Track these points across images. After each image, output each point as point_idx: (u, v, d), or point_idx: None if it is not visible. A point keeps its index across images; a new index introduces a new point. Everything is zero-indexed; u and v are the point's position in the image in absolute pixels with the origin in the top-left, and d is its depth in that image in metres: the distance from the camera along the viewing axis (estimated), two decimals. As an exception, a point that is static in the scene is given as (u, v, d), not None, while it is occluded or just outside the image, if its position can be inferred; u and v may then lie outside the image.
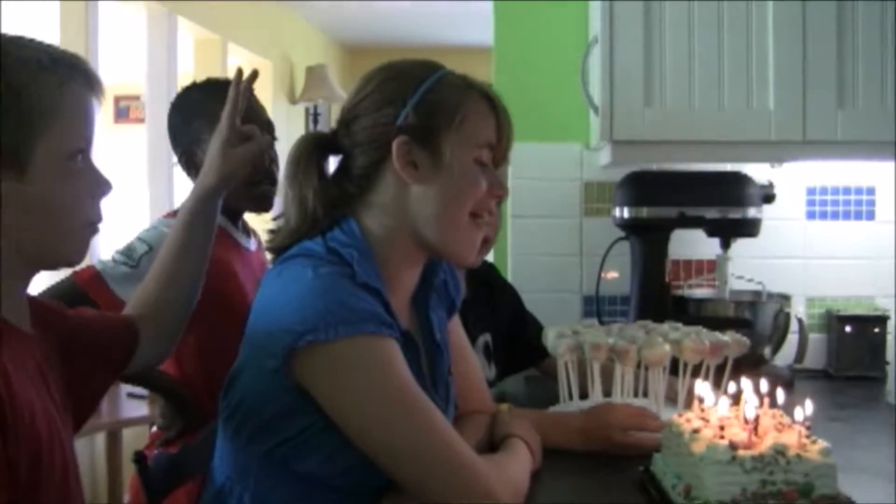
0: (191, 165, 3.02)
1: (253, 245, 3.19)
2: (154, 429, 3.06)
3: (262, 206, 3.04)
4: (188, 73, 6.34)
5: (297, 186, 2.07)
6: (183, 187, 3.05)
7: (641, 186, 3.38)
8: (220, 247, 2.84)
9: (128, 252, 2.82)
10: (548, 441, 2.32)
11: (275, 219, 2.17)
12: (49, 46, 1.71)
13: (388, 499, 1.93)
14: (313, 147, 2.10)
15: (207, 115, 2.87)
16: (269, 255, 2.16)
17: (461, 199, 2.03)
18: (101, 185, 1.77)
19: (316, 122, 9.62)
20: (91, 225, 1.76)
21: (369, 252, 2.00)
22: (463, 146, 2.02)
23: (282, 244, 2.08)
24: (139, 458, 2.48)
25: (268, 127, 3.01)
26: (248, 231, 3.21)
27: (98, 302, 2.69)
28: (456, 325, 2.38)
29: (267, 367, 1.86)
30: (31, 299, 1.84)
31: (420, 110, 2.02)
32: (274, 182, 3.03)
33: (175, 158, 3.13)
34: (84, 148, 1.73)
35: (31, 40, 1.70)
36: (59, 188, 1.68)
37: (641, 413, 2.43)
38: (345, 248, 1.97)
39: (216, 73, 3.41)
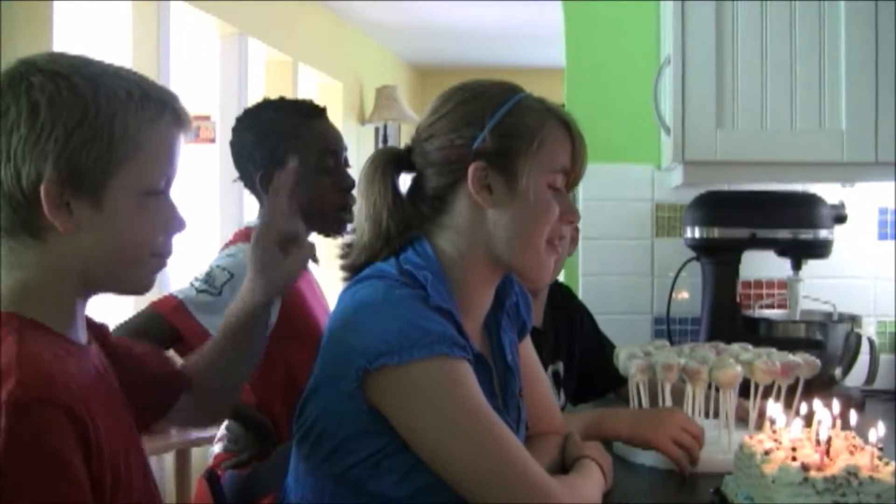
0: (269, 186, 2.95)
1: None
2: (216, 449, 3.02)
3: (334, 231, 2.98)
4: (259, 94, 6.40)
5: (371, 202, 2.06)
6: (254, 207, 3.07)
7: (713, 207, 3.38)
8: None
9: (209, 280, 2.80)
10: (597, 433, 2.38)
11: (347, 234, 2.18)
12: (143, 80, 1.71)
13: None
14: (388, 162, 2.09)
15: (287, 135, 2.89)
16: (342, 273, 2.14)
17: (536, 225, 2.02)
18: (175, 222, 1.76)
19: (385, 142, 9.64)
20: (160, 257, 1.76)
21: (442, 274, 2.00)
22: (539, 172, 2.01)
23: (356, 261, 2.08)
24: (212, 476, 2.49)
25: (336, 155, 3.00)
26: None
27: (183, 331, 2.68)
28: (527, 347, 2.37)
29: (341, 389, 1.87)
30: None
31: (497, 134, 2.01)
32: (346, 209, 2.96)
33: (238, 177, 3.05)
34: (163, 188, 1.73)
35: (129, 72, 1.71)
36: (131, 223, 1.68)
37: (696, 433, 2.44)
38: (418, 270, 1.97)
39: (287, 94, 3.42)
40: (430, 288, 1.93)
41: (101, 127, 1.61)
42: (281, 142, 2.90)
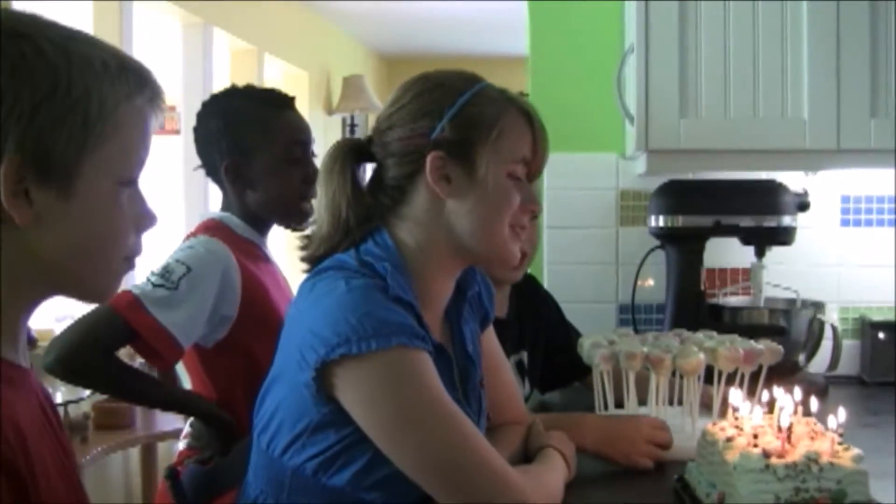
0: (235, 176, 2.91)
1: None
2: (181, 446, 2.97)
3: (298, 221, 2.93)
4: (224, 84, 6.37)
5: (331, 193, 2.05)
6: (218, 198, 3.01)
7: (677, 195, 3.40)
8: (251, 264, 2.84)
9: (165, 274, 2.68)
10: None
11: (307, 227, 2.17)
12: (118, 51, 1.46)
13: None
14: (347, 153, 2.08)
15: (256, 124, 2.86)
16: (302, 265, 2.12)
17: (496, 215, 2.02)
18: (147, 218, 1.53)
19: (353, 132, 9.64)
20: (128, 259, 1.51)
21: (402, 265, 2.00)
22: (498, 161, 2.01)
23: (315, 253, 2.07)
24: (172, 473, 2.48)
25: (304, 146, 2.97)
26: None
27: (139, 329, 2.59)
28: (490, 337, 2.37)
29: (300, 380, 1.86)
30: None
31: (456, 124, 2.00)
32: (310, 200, 2.91)
33: (200, 165, 3.00)
34: (137, 175, 1.49)
35: (100, 40, 1.45)
36: (104, 214, 1.43)
37: (663, 442, 2.45)
38: (378, 262, 1.96)
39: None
40: (390, 279, 1.92)
41: (75, 101, 1.35)
42: (249, 131, 2.86)
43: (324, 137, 8.75)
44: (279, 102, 2.98)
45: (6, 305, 1.40)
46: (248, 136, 2.87)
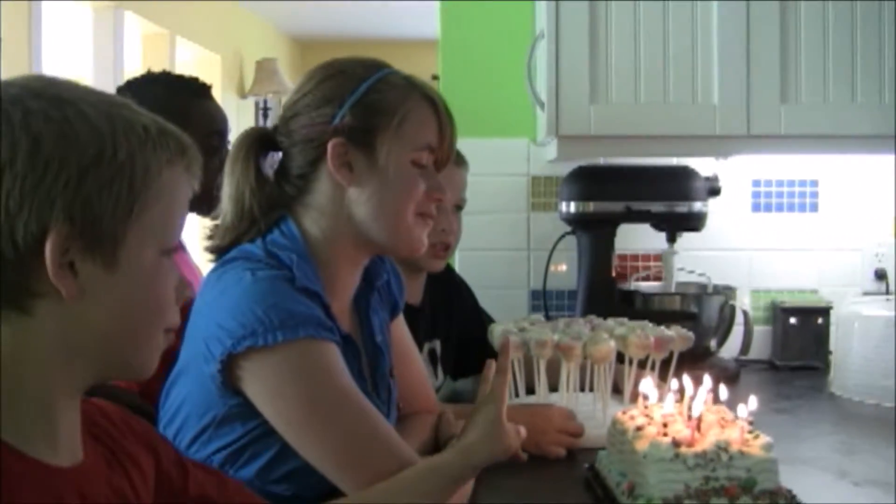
0: None
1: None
2: None
3: (208, 211, 2.90)
4: (136, 69, 6.30)
5: (234, 182, 2.04)
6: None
7: (587, 181, 3.40)
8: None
9: None
10: None
11: (213, 216, 2.14)
12: (156, 117, 1.41)
13: None
14: (253, 142, 2.06)
15: (174, 113, 2.81)
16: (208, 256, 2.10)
17: (399, 203, 2.00)
18: (182, 287, 1.42)
19: (266, 116, 9.59)
20: (168, 332, 1.39)
21: (308, 255, 1.97)
22: (400, 148, 1.99)
23: (221, 243, 2.05)
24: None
25: (222, 136, 2.94)
26: None
27: None
28: (400, 326, 2.35)
29: (205, 373, 1.84)
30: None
31: (357, 111, 1.98)
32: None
33: None
34: (176, 244, 1.40)
35: (138, 107, 1.40)
36: (149, 285, 1.33)
37: (575, 431, 2.45)
38: (283, 252, 1.94)
39: (165, 68, 3.34)
40: (296, 269, 1.90)
41: (121, 166, 1.27)
42: (169, 121, 2.83)
43: (237, 121, 8.70)
44: (196, 91, 2.94)
45: (44, 388, 1.27)
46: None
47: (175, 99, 2.84)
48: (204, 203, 2.89)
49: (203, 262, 2.84)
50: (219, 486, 1.57)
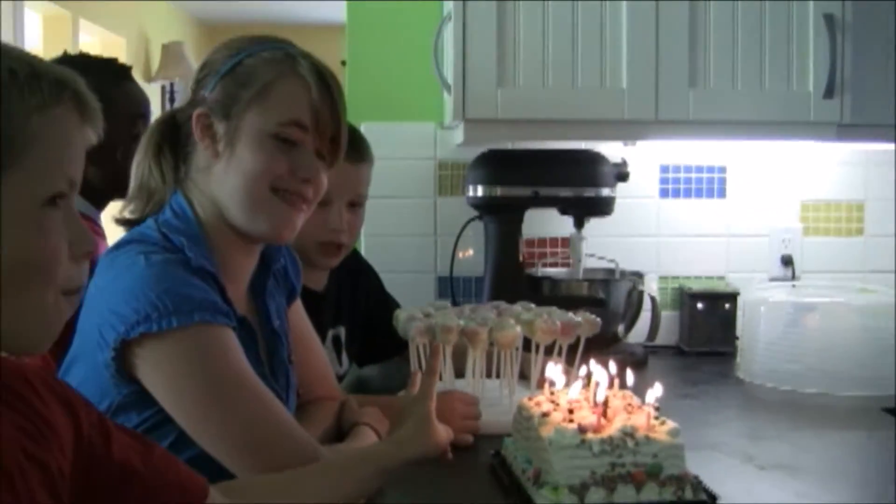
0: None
1: None
2: None
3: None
4: (36, 51, 6.18)
5: (137, 163, 2.04)
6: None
7: (495, 165, 3.38)
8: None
9: None
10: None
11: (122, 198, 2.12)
12: (33, 58, 1.32)
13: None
14: (159, 124, 2.05)
15: (98, 98, 2.75)
16: None
17: (249, 175, 1.94)
18: (82, 242, 1.33)
19: (173, 100, 9.52)
20: (68, 294, 1.32)
21: (200, 236, 1.94)
22: (260, 120, 1.93)
23: (125, 217, 2.05)
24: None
25: (146, 120, 2.89)
26: None
27: None
28: (298, 312, 2.32)
29: (99, 361, 1.80)
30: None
31: (226, 82, 1.95)
32: None
33: None
34: (66, 191, 1.30)
35: (13, 49, 1.31)
36: (28, 243, 1.25)
37: (473, 415, 2.43)
38: (174, 234, 1.91)
39: (65, 50, 3.26)
40: (188, 251, 1.87)
41: None
42: None
43: (143, 107, 8.57)
44: (117, 73, 2.90)
45: None
46: None
47: (94, 83, 2.78)
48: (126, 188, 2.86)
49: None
50: (144, 453, 1.48)
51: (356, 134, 2.69)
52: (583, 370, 2.13)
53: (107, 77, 2.84)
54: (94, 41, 8.00)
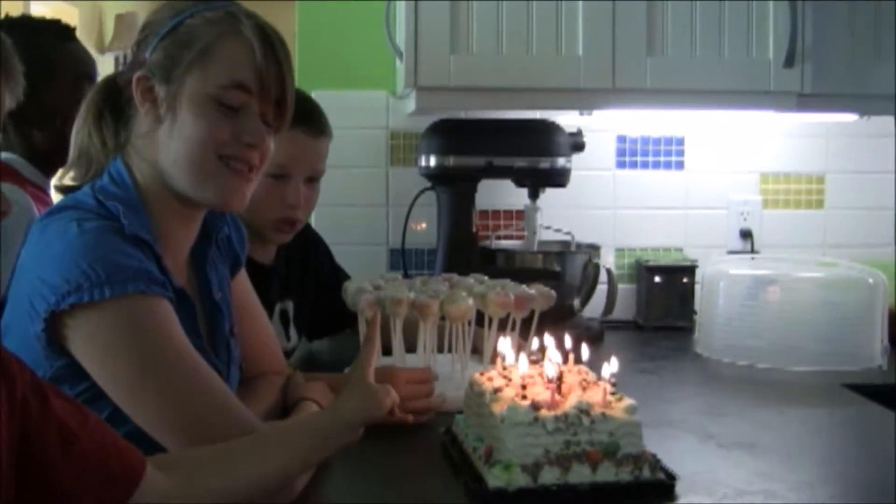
0: (19, 115, 2.65)
1: None
2: None
3: None
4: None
5: (77, 129, 1.98)
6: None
7: (447, 135, 3.31)
8: (42, 210, 2.67)
9: None
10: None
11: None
12: None
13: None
14: (101, 89, 2.00)
15: (39, 59, 2.64)
16: None
17: (198, 140, 1.85)
18: None
19: (125, 71, 9.41)
20: None
21: (138, 202, 1.87)
22: (201, 82, 1.86)
23: (62, 183, 2.01)
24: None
25: (92, 80, 2.82)
26: None
27: None
28: (243, 283, 2.25)
29: (29, 331, 1.73)
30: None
31: (166, 43, 1.88)
32: None
33: None
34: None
35: None
36: None
37: (423, 378, 2.37)
38: (110, 200, 1.83)
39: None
40: (123, 218, 1.79)
41: None
42: (33, 67, 2.67)
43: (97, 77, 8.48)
44: (60, 33, 2.83)
45: None
46: (32, 71, 2.67)
47: (37, 44, 2.72)
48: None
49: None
50: (80, 419, 1.43)
51: (316, 107, 2.66)
52: (535, 344, 2.07)
53: (48, 37, 2.77)
54: (45, 11, 7.86)
